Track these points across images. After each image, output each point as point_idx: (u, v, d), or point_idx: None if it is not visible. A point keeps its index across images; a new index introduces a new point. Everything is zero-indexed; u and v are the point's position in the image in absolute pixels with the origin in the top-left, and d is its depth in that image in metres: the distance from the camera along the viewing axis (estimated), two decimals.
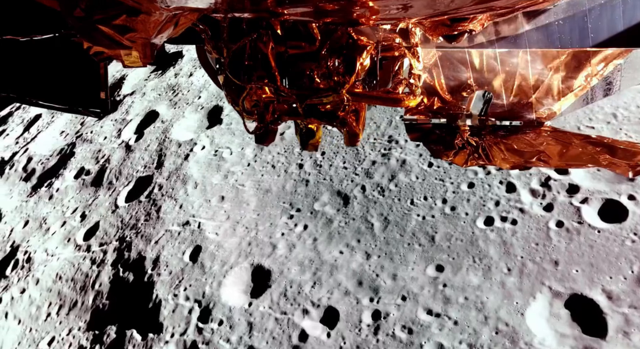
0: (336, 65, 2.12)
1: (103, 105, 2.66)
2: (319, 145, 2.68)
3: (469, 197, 4.72)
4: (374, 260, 4.69)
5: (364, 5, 1.66)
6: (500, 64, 2.47)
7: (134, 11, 1.57)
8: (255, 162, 6.58)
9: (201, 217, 6.28)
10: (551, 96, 2.56)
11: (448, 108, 2.70)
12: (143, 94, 9.51)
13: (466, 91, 2.64)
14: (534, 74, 2.49)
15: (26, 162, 10.11)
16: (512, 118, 2.71)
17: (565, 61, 2.42)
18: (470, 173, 4.89)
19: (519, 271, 4.01)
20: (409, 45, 2.28)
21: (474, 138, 2.70)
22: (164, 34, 1.72)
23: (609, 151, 2.40)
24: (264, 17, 1.88)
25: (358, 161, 5.74)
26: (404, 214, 4.91)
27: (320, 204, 5.52)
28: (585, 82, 2.48)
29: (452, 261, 4.33)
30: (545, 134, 2.62)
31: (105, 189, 7.90)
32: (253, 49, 2.08)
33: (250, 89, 2.20)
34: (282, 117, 2.34)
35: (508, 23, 2.10)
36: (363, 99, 2.28)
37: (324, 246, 5.07)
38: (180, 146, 7.72)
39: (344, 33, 2.07)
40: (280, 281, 5.02)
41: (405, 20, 1.99)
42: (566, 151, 2.48)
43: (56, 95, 2.62)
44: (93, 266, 6.68)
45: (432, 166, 5.18)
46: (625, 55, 2.39)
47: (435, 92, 2.67)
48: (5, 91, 2.53)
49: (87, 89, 2.61)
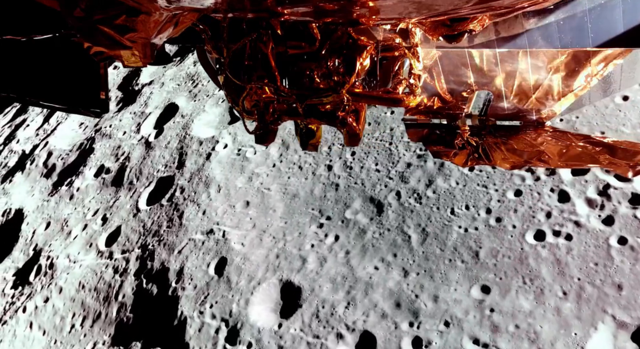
0: (336, 65, 2.12)
1: (103, 105, 2.66)
2: (319, 145, 2.68)
3: (516, 207, 4.22)
4: (413, 278, 4.26)
5: (364, 5, 1.66)
6: (500, 64, 2.47)
7: (134, 11, 1.57)
8: (281, 162, 6.22)
9: (226, 225, 6.00)
10: (551, 95, 2.56)
11: (448, 108, 2.70)
12: (162, 84, 9.24)
13: (466, 91, 2.64)
14: (534, 74, 2.49)
15: (46, 157, 10.05)
16: (512, 118, 2.72)
17: (565, 61, 2.42)
18: (517, 179, 4.37)
19: (577, 295, 3.52)
20: (409, 45, 2.28)
21: (474, 138, 2.70)
22: (164, 34, 1.73)
23: (609, 151, 2.40)
24: (264, 17, 1.88)
25: (392, 162, 5.27)
26: (443, 225, 4.45)
27: (351, 212, 5.14)
28: (585, 82, 2.48)
29: (499, 282, 3.86)
30: (546, 134, 2.63)
31: (125, 189, 7.75)
32: (253, 49, 2.08)
33: (250, 89, 2.20)
34: (282, 117, 2.34)
35: (508, 23, 2.10)
36: (363, 99, 2.28)
37: (357, 260, 4.70)
38: (202, 144, 7.43)
39: (344, 33, 2.07)
40: (312, 300, 4.66)
41: (405, 20, 1.99)
42: (566, 151, 2.48)
43: (56, 95, 2.62)
44: (116, 275, 6.52)
45: (474, 170, 4.68)
46: (625, 55, 2.39)
47: (435, 92, 2.67)
48: (5, 91, 2.53)
49: (87, 89, 2.61)
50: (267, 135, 2.51)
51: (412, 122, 2.79)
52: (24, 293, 7.53)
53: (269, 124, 2.38)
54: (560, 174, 4.24)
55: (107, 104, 2.67)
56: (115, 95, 10.22)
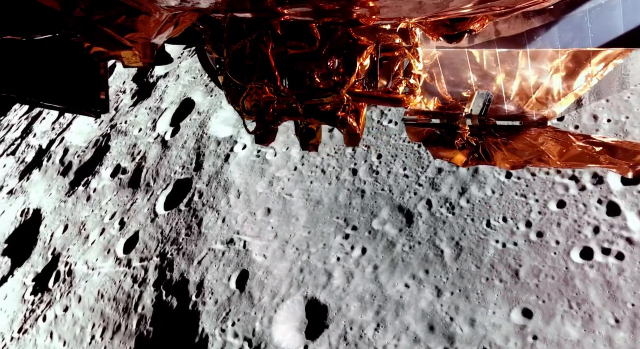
0: (336, 65, 2.12)
1: (103, 105, 2.66)
2: (319, 145, 2.68)
3: (559, 220, 3.83)
4: (447, 298, 3.92)
5: (364, 5, 1.66)
6: (500, 64, 2.47)
7: (134, 11, 1.57)
8: (303, 165, 5.89)
9: (246, 235, 5.74)
10: (551, 95, 2.56)
11: (448, 108, 2.71)
12: (177, 76, 9.02)
13: (466, 91, 2.64)
14: (534, 74, 2.49)
15: (63, 154, 10.00)
16: (513, 118, 2.72)
17: (565, 61, 2.42)
18: (560, 188, 3.95)
19: (631, 324, 3.14)
20: (409, 45, 2.28)
21: (474, 138, 2.70)
22: (164, 34, 1.73)
23: (609, 151, 2.40)
24: (264, 17, 1.88)
25: (421, 167, 4.90)
26: (479, 239, 4.10)
27: (379, 222, 4.80)
28: (585, 82, 2.48)
29: (542, 305, 3.51)
30: (546, 134, 2.63)
31: (142, 192, 7.62)
32: (253, 49, 2.08)
33: (250, 89, 2.20)
34: (282, 117, 2.34)
35: (508, 23, 2.10)
36: (363, 99, 2.28)
37: (386, 276, 4.37)
38: (219, 144, 7.19)
39: (344, 33, 2.07)
40: (339, 320, 4.36)
41: (405, 20, 1.99)
42: (566, 151, 2.48)
43: (56, 95, 2.62)
44: (135, 285, 6.40)
45: (511, 176, 4.26)
46: (625, 55, 2.39)
47: (436, 92, 2.67)
48: (5, 91, 2.53)
49: (87, 89, 2.61)
50: (267, 135, 2.50)
51: (412, 122, 2.79)
52: (43, 300, 7.47)
53: (268, 124, 2.38)
54: (609, 183, 3.85)
55: (107, 104, 2.67)
56: (129, 87, 10.08)
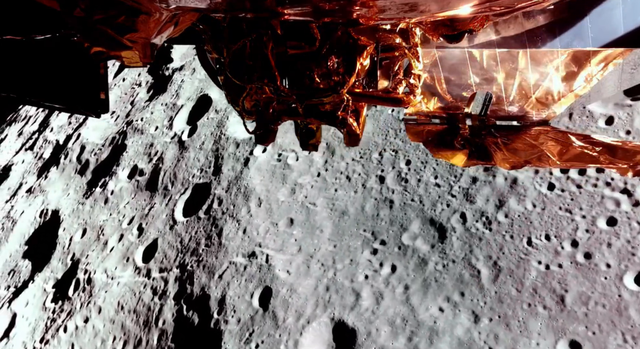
0: (336, 65, 2.12)
1: (103, 105, 2.67)
2: (319, 145, 2.68)
3: (609, 239, 3.37)
4: (485, 325, 3.57)
5: (364, 5, 1.66)
6: (500, 64, 2.47)
7: (134, 11, 1.57)
8: (326, 171, 5.55)
9: (269, 248, 5.48)
10: (551, 96, 2.56)
11: (448, 108, 2.71)
12: (193, 70, 8.75)
13: (466, 91, 2.64)
14: (534, 74, 2.49)
15: (79, 151, 9.93)
16: (512, 118, 2.71)
17: (565, 61, 2.42)
18: (610, 203, 3.45)
19: None
20: (409, 45, 2.28)
21: (474, 138, 2.70)
22: (164, 34, 1.73)
23: (609, 151, 2.40)
24: (264, 17, 1.88)
25: (454, 176, 4.45)
26: (519, 259, 3.68)
27: (409, 237, 4.43)
28: (585, 82, 2.48)
29: (592, 337, 3.11)
30: (546, 134, 2.62)
31: (160, 196, 7.45)
32: (253, 49, 2.07)
33: (250, 89, 2.20)
34: (282, 117, 2.34)
35: (508, 23, 2.10)
36: (363, 99, 2.28)
37: (418, 298, 4.01)
38: (239, 147, 6.92)
39: (344, 33, 2.07)
40: (369, 345, 4.05)
41: (405, 20, 1.99)
42: (566, 151, 2.48)
43: (56, 95, 2.62)
44: (155, 297, 6.24)
45: (554, 188, 3.78)
46: (625, 55, 2.39)
47: (435, 92, 2.67)
48: (6, 91, 2.53)
49: (87, 89, 2.61)
50: (267, 135, 2.50)
51: (412, 122, 2.79)
52: (64, 309, 7.37)
53: (268, 124, 2.38)
54: None
55: (107, 104, 2.67)
56: (145, 80, 9.88)
